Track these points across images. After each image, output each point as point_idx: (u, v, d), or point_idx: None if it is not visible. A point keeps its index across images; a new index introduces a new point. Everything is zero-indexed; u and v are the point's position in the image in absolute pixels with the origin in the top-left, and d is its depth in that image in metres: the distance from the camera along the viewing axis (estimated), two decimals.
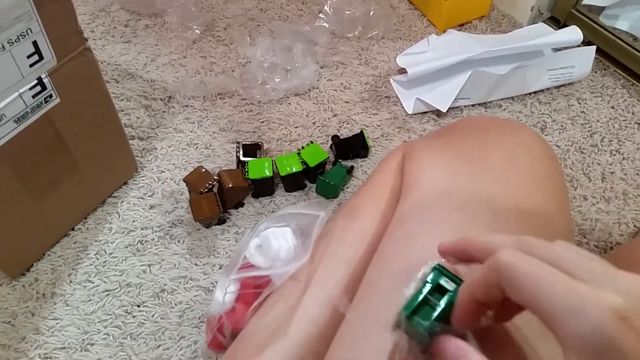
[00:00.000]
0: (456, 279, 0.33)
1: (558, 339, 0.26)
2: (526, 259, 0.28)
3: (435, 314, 0.32)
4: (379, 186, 0.63)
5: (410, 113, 0.93)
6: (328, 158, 0.80)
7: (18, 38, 0.53)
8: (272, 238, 0.64)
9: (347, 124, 0.91)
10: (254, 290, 0.59)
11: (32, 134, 0.60)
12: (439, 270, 0.34)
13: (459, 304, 0.32)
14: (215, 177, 0.76)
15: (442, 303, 0.32)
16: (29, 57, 0.55)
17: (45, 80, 0.59)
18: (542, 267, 0.27)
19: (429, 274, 0.34)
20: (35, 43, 0.55)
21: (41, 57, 0.57)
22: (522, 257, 0.28)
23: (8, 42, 0.52)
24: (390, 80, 0.98)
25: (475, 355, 0.30)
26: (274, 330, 0.53)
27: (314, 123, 0.91)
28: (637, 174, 0.86)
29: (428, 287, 0.33)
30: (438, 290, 0.33)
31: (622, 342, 0.24)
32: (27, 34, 0.54)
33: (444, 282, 0.33)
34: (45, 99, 0.60)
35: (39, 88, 0.58)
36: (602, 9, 1.07)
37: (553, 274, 0.27)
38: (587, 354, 0.25)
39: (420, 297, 0.33)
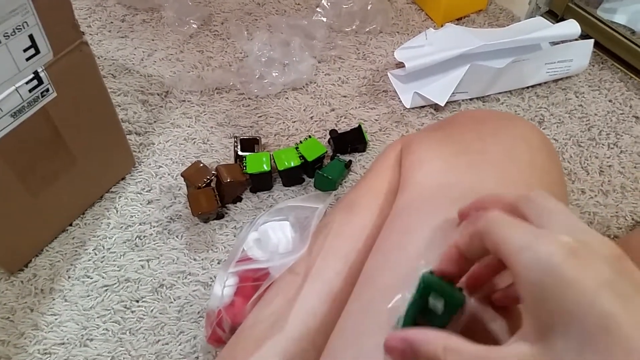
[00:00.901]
0: (445, 288, 0.33)
1: (513, 277, 0.29)
2: (507, 218, 0.30)
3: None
4: (377, 180, 0.63)
5: (408, 107, 0.93)
6: (326, 152, 0.80)
7: (14, 31, 0.52)
8: (270, 232, 0.64)
9: (345, 118, 0.91)
10: (252, 284, 0.59)
11: (28, 128, 0.60)
12: (428, 282, 0.34)
13: (445, 252, 0.34)
14: (213, 172, 0.76)
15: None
16: (25, 50, 0.55)
17: (42, 74, 0.58)
18: (514, 221, 0.30)
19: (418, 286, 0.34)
20: (31, 37, 0.55)
21: (37, 51, 0.56)
22: (504, 216, 0.31)
23: (4, 36, 0.52)
24: (388, 74, 0.97)
25: (453, 338, 0.30)
26: (272, 324, 0.53)
27: (311, 117, 0.91)
28: (635, 167, 0.87)
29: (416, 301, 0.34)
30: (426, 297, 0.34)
31: (566, 271, 0.26)
32: (24, 28, 0.53)
33: (432, 298, 0.33)
34: (42, 93, 0.60)
35: (35, 82, 0.58)
36: (600, 2, 1.07)
37: (520, 224, 0.30)
38: (534, 285, 0.27)
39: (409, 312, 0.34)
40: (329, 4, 1.04)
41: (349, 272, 0.54)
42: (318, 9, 1.04)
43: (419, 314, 0.34)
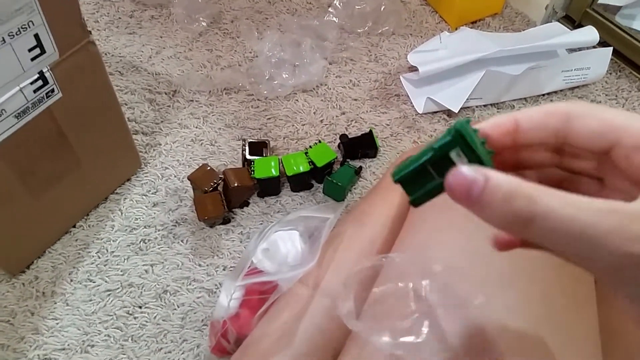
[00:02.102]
0: (479, 147, 0.24)
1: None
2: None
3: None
4: (390, 191, 0.61)
5: (420, 112, 0.90)
6: (336, 158, 0.78)
7: (19, 31, 0.51)
8: (279, 242, 0.62)
9: (356, 122, 0.89)
10: (259, 297, 0.57)
11: (33, 129, 0.58)
12: (463, 130, 0.24)
13: (499, 118, 0.26)
14: (220, 176, 0.74)
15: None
16: (30, 50, 0.53)
17: (47, 75, 0.57)
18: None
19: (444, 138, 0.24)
20: (37, 36, 0.53)
21: (43, 51, 0.55)
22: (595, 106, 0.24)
23: (9, 35, 0.50)
24: (401, 78, 0.95)
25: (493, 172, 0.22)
26: (279, 339, 0.52)
27: (321, 121, 0.89)
28: None
29: (430, 154, 0.24)
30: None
31: None
32: (29, 27, 0.52)
33: (454, 155, 0.24)
34: (46, 93, 0.58)
35: (40, 82, 0.56)
36: (619, 8, 1.04)
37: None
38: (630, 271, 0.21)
39: (416, 165, 0.25)
40: (340, 4, 1.02)
41: (359, 288, 0.52)
42: (330, 9, 1.02)
43: (417, 172, 0.25)
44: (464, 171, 0.22)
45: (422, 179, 0.25)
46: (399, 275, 0.45)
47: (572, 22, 1.07)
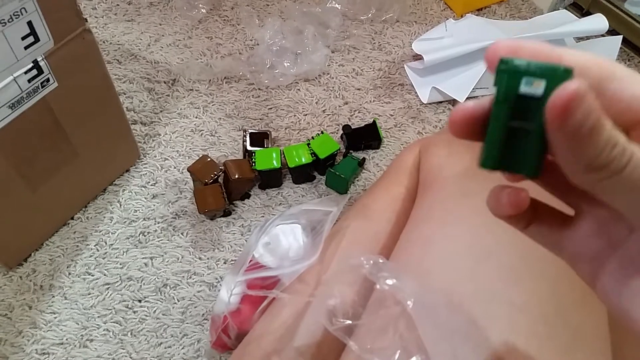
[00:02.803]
0: (542, 63, 0.20)
1: None
2: None
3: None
4: (394, 184, 0.60)
5: (425, 102, 0.89)
6: (339, 149, 0.76)
7: (11, 18, 0.49)
8: (281, 236, 0.61)
9: (359, 112, 0.87)
10: (260, 292, 0.56)
11: (28, 120, 0.57)
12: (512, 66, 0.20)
13: (540, 48, 0.21)
14: (220, 167, 0.73)
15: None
16: (23, 38, 0.51)
17: (42, 64, 0.55)
18: None
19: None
20: (30, 23, 0.51)
21: (37, 39, 0.53)
22: None
23: (0, 23, 0.48)
24: (405, 66, 0.93)
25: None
26: (281, 336, 0.50)
27: (324, 111, 0.87)
28: None
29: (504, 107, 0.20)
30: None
31: None
32: (22, 14, 0.50)
33: (526, 85, 0.20)
34: (41, 83, 0.56)
35: (35, 72, 0.55)
36: None
37: None
38: None
39: (497, 134, 0.21)
40: None
41: (362, 285, 0.51)
42: None
43: (506, 141, 0.21)
44: (574, 85, 0.18)
45: (518, 144, 0.21)
46: (389, 303, 0.43)
47: (581, 9, 1.04)
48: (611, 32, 0.95)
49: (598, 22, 0.90)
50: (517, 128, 0.20)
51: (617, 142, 0.19)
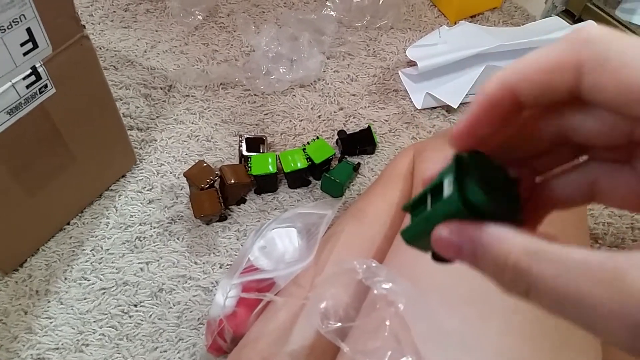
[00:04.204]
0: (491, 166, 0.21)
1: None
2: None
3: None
4: (389, 188, 0.60)
5: (419, 108, 0.90)
6: (334, 154, 0.77)
7: (10, 25, 0.49)
8: (277, 239, 0.61)
9: (354, 118, 0.88)
10: (256, 295, 0.56)
11: (26, 125, 0.57)
12: (464, 160, 0.20)
13: (478, 98, 0.19)
14: (216, 172, 0.73)
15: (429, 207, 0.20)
16: (22, 45, 0.52)
17: (40, 70, 0.55)
18: None
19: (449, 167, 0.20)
20: (29, 30, 0.52)
21: (36, 45, 0.53)
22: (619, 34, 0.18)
23: (0, 29, 0.49)
24: (399, 73, 0.94)
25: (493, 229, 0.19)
26: (276, 339, 0.51)
27: (319, 116, 0.88)
28: None
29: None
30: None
31: None
32: (21, 21, 0.50)
33: (446, 184, 0.20)
34: (40, 89, 0.57)
35: (33, 78, 0.55)
36: (619, 2, 1.03)
37: None
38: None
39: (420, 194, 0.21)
40: None
41: (356, 288, 0.51)
42: (328, 3, 1.01)
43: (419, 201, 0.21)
44: (444, 235, 0.19)
45: (418, 212, 0.21)
46: (382, 304, 0.44)
47: (572, 16, 1.06)
48: None
49: None
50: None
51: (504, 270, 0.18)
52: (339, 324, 0.44)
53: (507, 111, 0.19)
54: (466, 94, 0.87)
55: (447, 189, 0.19)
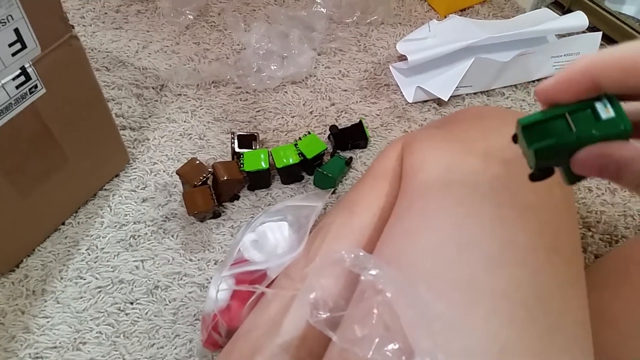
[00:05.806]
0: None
1: None
2: None
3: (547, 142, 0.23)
4: (378, 179, 0.61)
5: (410, 102, 0.90)
6: (326, 149, 0.78)
7: None
8: (269, 233, 0.62)
9: (346, 113, 0.89)
10: (248, 287, 0.57)
11: (17, 126, 0.58)
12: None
13: (562, 75, 0.22)
14: (209, 170, 0.74)
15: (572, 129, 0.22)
16: (10, 45, 0.52)
17: (30, 70, 0.56)
18: None
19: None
20: (17, 30, 0.52)
21: (24, 46, 0.54)
22: None
23: None
24: (390, 67, 0.95)
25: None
26: (269, 331, 0.51)
27: (311, 112, 0.88)
28: None
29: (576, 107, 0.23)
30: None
31: None
32: (8, 21, 0.51)
33: (600, 107, 0.22)
34: (29, 89, 0.57)
35: (22, 78, 0.56)
36: None
37: None
38: None
39: (554, 112, 0.23)
40: None
41: (347, 278, 0.52)
42: (317, 0, 1.01)
43: (550, 120, 0.23)
44: (594, 153, 0.21)
45: (554, 129, 0.23)
46: (370, 292, 0.44)
47: (562, 7, 1.06)
48: (591, 28, 0.97)
49: (578, 19, 0.92)
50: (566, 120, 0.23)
51: None
52: (328, 314, 0.44)
53: (588, 90, 0.22)
54: (456, 87, 0.88)
55: (604, 113, 0.22)
